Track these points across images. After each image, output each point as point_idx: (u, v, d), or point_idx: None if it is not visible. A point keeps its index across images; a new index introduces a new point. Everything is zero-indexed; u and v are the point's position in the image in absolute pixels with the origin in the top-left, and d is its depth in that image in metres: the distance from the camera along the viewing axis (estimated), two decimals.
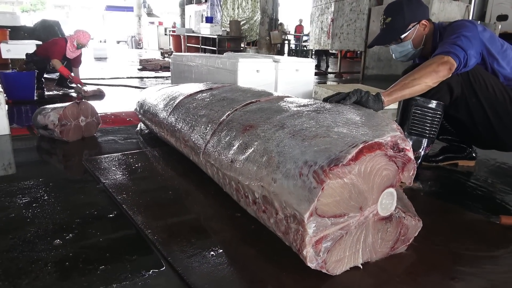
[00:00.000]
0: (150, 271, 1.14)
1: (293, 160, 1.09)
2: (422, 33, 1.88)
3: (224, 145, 1.45)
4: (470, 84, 1.70)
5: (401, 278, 1.12)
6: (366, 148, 1.01)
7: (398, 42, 1.89)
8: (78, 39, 4.52)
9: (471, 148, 2.15)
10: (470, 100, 1.73)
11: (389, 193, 1.11)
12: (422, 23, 1.86)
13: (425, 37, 1.89)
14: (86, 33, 4.60)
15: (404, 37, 1.86)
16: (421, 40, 1.89)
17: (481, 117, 1.75)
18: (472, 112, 1.75)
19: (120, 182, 1.77)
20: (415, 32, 1.86)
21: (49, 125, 2.38)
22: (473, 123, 1.79)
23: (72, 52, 4.59)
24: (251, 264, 1.18)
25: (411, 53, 1.92)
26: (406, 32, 1.85)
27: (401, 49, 1.92)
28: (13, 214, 1.47)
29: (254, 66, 3.55)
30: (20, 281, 1.07)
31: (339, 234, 1.05)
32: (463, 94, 1.72)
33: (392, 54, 1.98)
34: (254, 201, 1.23)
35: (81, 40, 4.53)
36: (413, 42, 1.88)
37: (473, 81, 1.70)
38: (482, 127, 1.78)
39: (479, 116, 1.75)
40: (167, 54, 10.90)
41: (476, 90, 1.70)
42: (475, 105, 1.73)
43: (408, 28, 1.85)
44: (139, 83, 5.68)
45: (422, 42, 1.90)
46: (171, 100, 2.15)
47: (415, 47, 1.90)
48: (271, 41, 10.88)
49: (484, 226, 1.48)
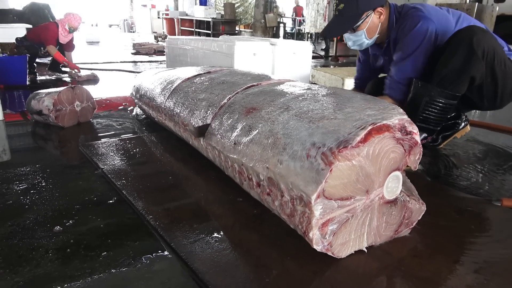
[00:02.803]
0: (153, 257, 1.13)
1: (300, 141, 1.07)
2: (377, 22, 1.78)
3: (227, 128, 1.42)
4: (492, 67, 1.67)
5: (406, 261, 1.12)
6: (375, 130, 0.99)
7: (352, 32, 1.79)
8: (69, 22, 4.39)
9: (461, 115, 2.10)
10: (486, 80, 1.70)
11: (395, 176, 1.10)
12: (377, 10, 1.75)
13: (381, 25, 1.80)
14: (77, 15, 4.47)
15: (357, 27, 1.76)
16: (376, 29, 1.80)
17: (491, 91, 1.73)
18: (483, 89, 1.73)
19: (118, 168, 1.74)
20: (370, 21, 1.76)
21: (43, 110, 2.33)
22: (480, 97, 1.77)
23: (65, 37, 4.47)
24: (255, 249, 1.17)
25: (366, 43, 1.84)
26: (359, 22, 1.74)
27: (355, 38, 1.82)
28: (11, 201, 1.44)
29: (251, 49, 3.49)
30: (21, 269, 1.06)
31: (345, 217, 1.04)
32: (481, 78, 1.69)
33: (346, 42, 1.89)
34: (258, 183, 1.22)
35: (72, 23, 4.41)
36: (367, 32, 1.78)
37: (496, 64, 1.66)
38: (488, 99, 1.77)
39: (488, 90, 1.73)
40: (160, 37, 10.71)
41: (496, 71, 1.67)
42: (489, 84, 1.71)
43: (362, 18, 1.73)
44: (133, 67, 5.59)
45: (377, 31, 1.81)
46: (168, 84, 2.11)
47: (369, 37, 1.81)
48: (266, 24, 10.73)
49: (486, 209, 1.48)
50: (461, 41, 1.62)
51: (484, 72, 1.66)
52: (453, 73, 1.65)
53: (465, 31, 1.64)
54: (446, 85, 1.68)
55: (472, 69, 1.63)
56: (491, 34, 1.69)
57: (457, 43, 1.63)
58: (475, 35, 1.60)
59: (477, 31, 1.63)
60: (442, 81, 1.68)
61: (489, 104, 1.82)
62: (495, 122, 2.70)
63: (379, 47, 1.97)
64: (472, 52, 1.60)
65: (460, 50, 1.62)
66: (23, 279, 1.02)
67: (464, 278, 1.05)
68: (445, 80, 1.67)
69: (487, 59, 1.63)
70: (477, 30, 1.63)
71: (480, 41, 1.60)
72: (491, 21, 6.28)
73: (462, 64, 1.62)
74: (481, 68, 1.63)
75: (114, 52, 7.74)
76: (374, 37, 1.84)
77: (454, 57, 1.63)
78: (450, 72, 1.65)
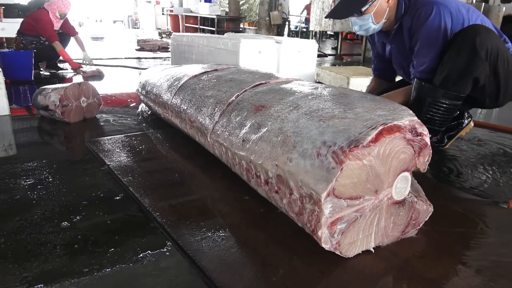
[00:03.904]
0: (159, 254, 1.13)
1: (310, 140, 1.07)
2: (385, 6, 1.75)
3: (235, 125, 1.42)
4: (495, 66, 1.65)
5: (412, 262, 1.12)
6: (386, 130, 0.99)
7: (359, 15, 1.76)
8: (59, 9, 4.28)
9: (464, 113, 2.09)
10: (489, 78, 1.68)
11: (404, 177, 1.09)
12: None
13: (389, 9, 1.77)
14: (66, 0, 4.34)
15: (364, 10, 1.73)
16: (384, 14, 1.77)
17: (493, 90, 1.72)
18: (486, 88, 1.72)
19: (125, 164, 1.75)
20: (378, 5, 1.73)
21: (49, 105, 2.34)
22: (483, 96, 1.76)
23: (57, 23, 4.37)
24: (262, 248, 1.17)
25: (372, 28, 1.81)
26: (367, 5, 1.71)
27: (361, 22, 1.79)
28: (18, 196, 1.45)
29: (256, 47, 3.49)
30: (29, 264, 1.06)
31: (354, 217, 1.03)
32: (486, 79, 1.67)
33: (352, 27, 1.86)
34: (266, 181, 1.22)
35: (62, 9, 4.30)
36: (374, 16, 1.75)
37: (500, 63, 1.64)
38: (490, 98, 1.76)
39: (491, 89, 1.72)
40: (165, 34, 10.70)
41: (499, 70, 1.66)
42: (492, 83, 1.69)
43: (369, 0, 1.71)
44: (138, 63, 5.59)
45: (384, 16, 1.78)
46: (175, 81, 2.11)
47: (377, 22, 1.78)
48: (270, 21, 10.70)
49: (493, 210, 1.47)
50: (464, 41, 1.60)
51: (488, 72, 1.64)
52: (455, 74, 1.63)
53: (469, 31, 1.62)
54: (449, 86, 1.66)
55: (475, 70, 1.61)
56: (495, 33, 1.67)
57: (460, 43, 1.62)
58: (478, 35, 1.58)
59: (481, 30, 1.60)
60: (444, 81, 1.67)
61: (491, 102, 1.81)
62: (502, 123, 2.69)
63: (387, 35, 1.94)
64: (475, 53, 1.58)
65: (463, 50, 1.60)
66: (32, 274, 1.02)
67: (471, 280, 1.05)
68: (448, 81, 1.66)
69: (490, 58, 1.61)
70: (480, 29, 1.61)
71: (483, 41, 1.58)
72: (497, 21, 6.25)
73: (465, 65, 1.61)
74: (484, 69, 1.62)
75: (119, 48, 7.75)
76: (381, 22, 1.80)
77: (457, 57, 1.62)
78: (452, 72, 1.64)
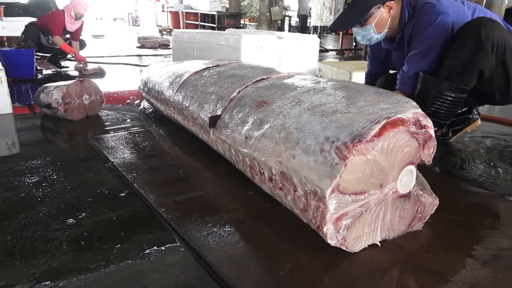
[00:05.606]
0: (166, 249, 1.13)
1: (313, 136, 1.06)
2: (386, 16, 1.76)
3: (237, 122, 1.42)
4: (503, 59, 1.63)
5: (419, 255, 1.12)
6: (389, 124, 0.98)
7: (361, 26, 1.77)
8: (75, 9, 4.25)
9: (473, 110, 2.08)
10: (497, 72, 1.66)
11: (409, 170, 1.09)
12: (387, 4, 1.73)
13: (391, 19, 1.77)
14: (82, 1, 4.30)
15: (365, 21, 1.74)
16: (386, 24, 1.78)
17: (502, 84, 1.70)
18: (494, 82, 1.70)
19: (128, 161, 1.75)
20: (378, 15, 1.74)
21: (52, 103, 2.34)
22: (491, 90, 1.74)
23: (72, 24, 4.32)
24: (267, 243, 1.17)
25: (374, 37, 1.82)
26: (367, 16, 1.72)
27: (363, 32, 1.80)
28: (24, 194, 1.45)
29: (258, 43, 3.48)
30: (36, 261, 1.06)
31: (359, 212, 1.03)
32: (491, 71, 1.66)
33: (355, 37, 1.88)
34: (270, 178, 1.21)
35: (78, 10, 4.26)
36: (375, 27, 1.76)
37: (508, 55, 1.62)
38: (500, 92, 1.74)
39: (500, 83, 1.70)
40: (165, 31, 10.67)
41: (507, 62, 1.64)
42: (500, 76, 1.68)
43: (370, 12, 1.72)
44: (138, 61, 5.58)
45: (386, 26, 1.78)
46: (177, 77, 2.10)
47: (378, 32, 1.79)
48: (271, 17, 10.65)
49: (500, 203, 1.47)
50: (469, 34, 1.59)
51: (493, 65, 1.63)
52: (460, 66, 1.62)
53: (474, 23, 1.61)
54: (453, 79, 1.65)
55: (480, 62, 1.60)
56: (501, 25, 1.65)
57: (465, 36, 1.60)
58: (483, 27, 1.57)
59: (486, 22, 1.59)
60: (449, 74, 1.66)
61: (501, 97, 1.78)
62: (509, 117, 2.68)
63: (391, 42, 1.95)
64: (480, 45, 1.57)
65: (468, 43, 1.59)
66: (39, 270, 1.03)
67: (478, 273, 1.05)
68: (453, 74, 1.65)
69: (497, 51, 1.60)
70: (485, 21, 1.60)
71: (489, 33, 1.57)
72: (500, 14, 6.21)
73: (469, 57, 1.60)
74: (489, 61, 1.60)
75: (119, 45, 7.73)
76: (384, 32, 1.81)
77: (462, 50, 1.61)
78: (457, 65, 1.63)
